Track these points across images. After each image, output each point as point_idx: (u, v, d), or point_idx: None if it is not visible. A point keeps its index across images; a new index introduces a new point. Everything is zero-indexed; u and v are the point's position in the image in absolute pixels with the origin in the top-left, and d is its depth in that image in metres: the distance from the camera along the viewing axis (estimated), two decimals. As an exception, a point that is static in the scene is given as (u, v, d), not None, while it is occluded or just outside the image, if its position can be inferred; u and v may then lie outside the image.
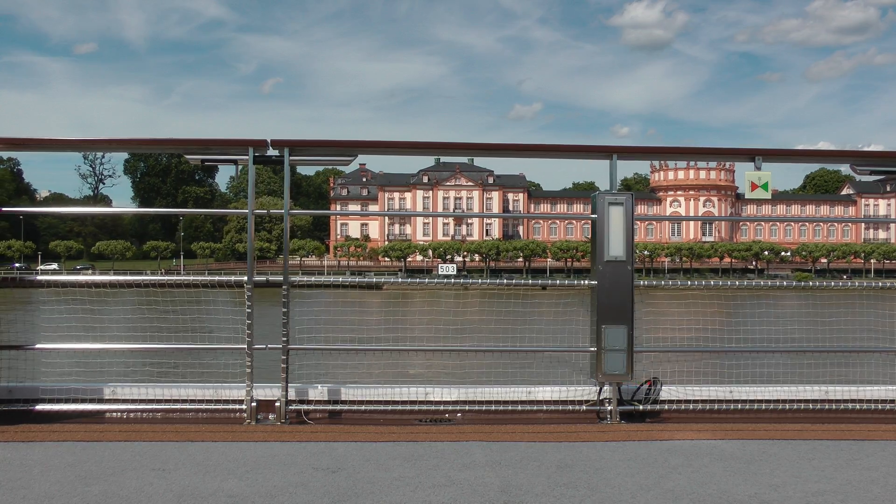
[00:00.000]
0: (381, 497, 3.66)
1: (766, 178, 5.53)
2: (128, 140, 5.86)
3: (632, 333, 5.26)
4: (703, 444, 4.65)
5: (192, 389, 5.48)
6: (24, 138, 5.53)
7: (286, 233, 5.50)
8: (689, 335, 6.72)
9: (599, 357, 5.25)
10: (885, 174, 5.72)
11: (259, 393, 5.26)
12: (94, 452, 4.36)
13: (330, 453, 4.38)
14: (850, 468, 4.17)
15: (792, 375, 6.45)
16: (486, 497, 3.66)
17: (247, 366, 5.23)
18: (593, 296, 5.34)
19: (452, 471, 4.05)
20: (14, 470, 4.03)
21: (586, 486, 3.84)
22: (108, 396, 5.47)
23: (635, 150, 6.12)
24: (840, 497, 3.71)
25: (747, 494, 3.73)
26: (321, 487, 3.79)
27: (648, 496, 3.70)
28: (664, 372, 5.93)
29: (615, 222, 5.29)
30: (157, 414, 5.36)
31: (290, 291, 5.32)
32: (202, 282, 6.16)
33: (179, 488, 3.76)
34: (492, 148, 6.89)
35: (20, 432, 4.79)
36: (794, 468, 4.16)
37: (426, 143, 6.34)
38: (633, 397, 5.47)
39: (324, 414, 5.45)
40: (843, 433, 4.95)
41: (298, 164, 5.40)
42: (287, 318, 5.29)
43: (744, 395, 5.62)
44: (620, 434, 4.92)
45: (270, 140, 5.30)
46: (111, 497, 3.63)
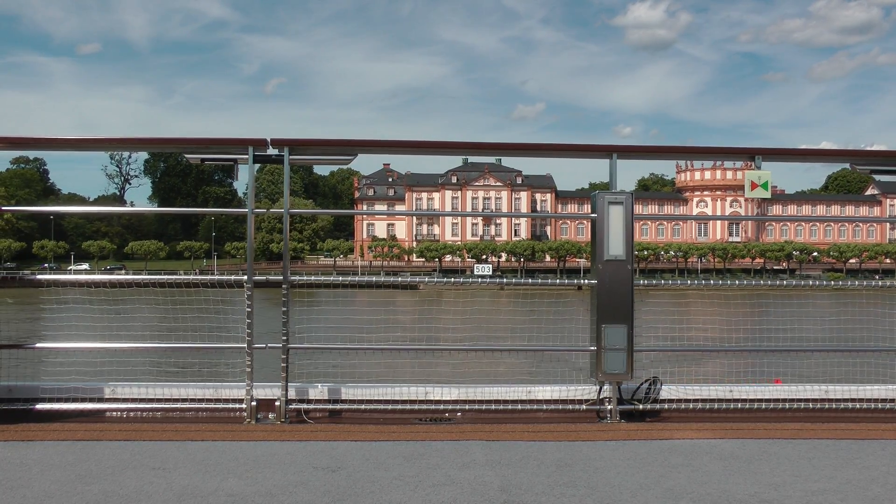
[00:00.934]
0: (381, 496, 3.66)
1: (765, 178, 5.53)
2: (127, 140, 5.86)
3: (632, 333, 5.26)
4: (703, 444, 4.65)
5: (192, 389, 5.47)
6: (22, 137, 5.53)
7: (286, 232, 5.50)
8: (689, 334, 6.72)
9: (599, 356, 5.25)
10: (886, 173, 5.72)
11: (259, 392, 5.26)
12: (94, 452, 4.36)
13: (330, 452, 4.38)
14: (849, 467, 4.17)
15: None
16: (486, 496, 3.66)
17: (247, 365, 5.23)
18: (593, 295, 5.35)
19: (452, 470, 4.05)
20: (14, 469, 4.03)
21: (586, 485, 3.84)
22: (108, 396, 5.47)
23: (635, 149, 6.11)
24: (840, 496, 3.71)
25: (747, 493, 3.73)
26: (321, 486, 3.79)
27: (648, 495, 3.70)
28: (664, 371, 5.93)
29: (615, 221, 5.29)
30: (156, 413, 5.36)
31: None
32: (202, 281, 6.15)
33: (179, 487, 3.76)
34: (492, 147, 6.85)
35: (20, 431, 4.79)
36: (794, 467, 4.16)
37: (426, 143, 6.33)
38: (633, 396, 5.47)
39: (324, 413, 5.45)
40: (842, 432, 4.95)
41: (298, 163, 5.41)
42: (287, 317, 5.29)
43: (743, 394, 5.62)
44: (620, 433, 4.92)
45: (270, 139, 5.31)
46: (111, 496, 3.63)
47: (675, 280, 6.58)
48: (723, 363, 6.99)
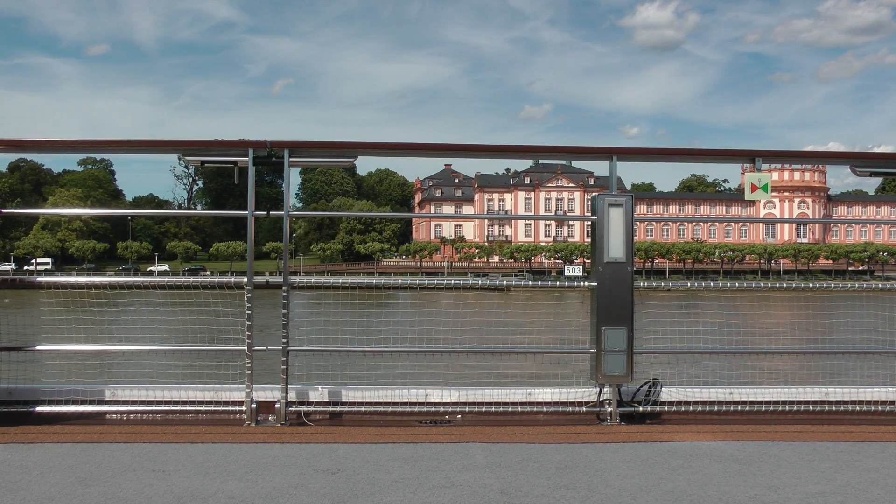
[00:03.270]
0: (380, 498, 3.66)
1: (766, 180, 5.54)
2: (128, 142, 5.87)
3: (632, 335, 5.26)
4: (703, 446, 4.65)
5: (193, 391, 5.48)
6: (23, 139, 5.56)
7: (286, 234, 5.52)
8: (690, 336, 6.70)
9: (599, 358, 5.25)
10: (886, 175, 5.72)
11: (259, 395, 5.27)
12: (95, 454, 4.36)
13: (330, 455, 4.38)
14: (850, 469, 4.17)
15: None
16: (486, 498, 3.66)
17: (246, 367, 5.23)
18: (593, 297, 5.35)
19: (452, 472, 4.05)
20: (14, 471, 4.03)
21: (586, 487, 3.84)
22: (109, 398, 5.47)
23: (634, 151, 6.15)
24: (840, 498, 3.71)
25: (747, 496, 3.73)
26: (321, 489, 3.79)
27: (648, 497, 3.70)
28: (664, 374, 5.93)
29: (615, 223, 5.29)
30: (157, 415, 5.36)
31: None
32: (202, 283, 6.14)
33: (179, 490, 3.76)
34: (492, 150, 6.85)
35: (20, 434, 4.79)
36: (793, 469, 4.16)
37: (425, 145, 6.34)
38: (634, 398, 5.47)
39: (324, 415, 5.45)
40: (843, 434, 4.95)
41: (298, 165, 5.43)
42: (287, 319, 5.29)
43: (744, 396, 5.62)
44: (620, 435, 4.92)
45: (270, 141, 5.31)
46: (111, 498, 3.63)
47: (682, 282, 6.58)
48: (722, 364, 6.97)
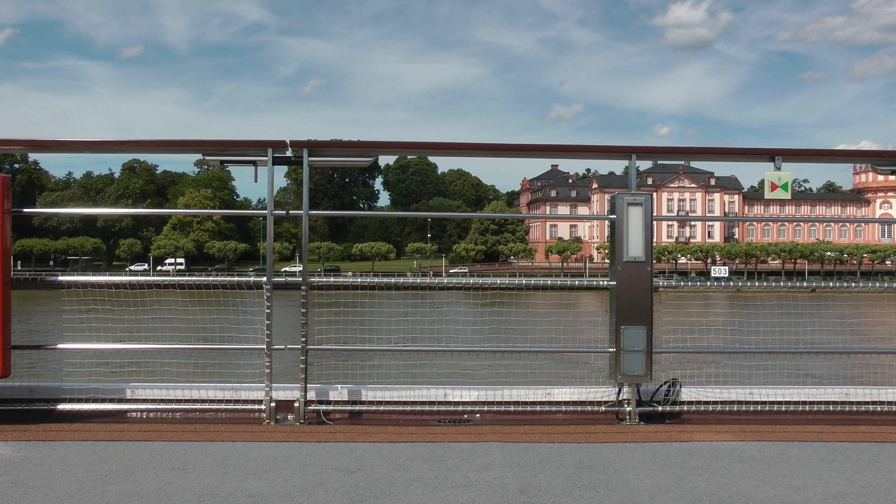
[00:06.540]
0: (399, 497, 3.66)
1: (785, 179, 5.49)
2: (149, 141, 5.92)
3: (651, 334, 5.24)
4: (723, 446, 4.62)
5: (212, 390, 5.51)
6: (45, 140, 5.64)
7: (305, 234, 5.53)
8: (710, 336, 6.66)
9: (618, 358, 5.22)
10: None
11: (278, 394, 5.29)
12: (115, 452, 4.40)
13: (349, 454, 4.39)
14: (871, 470, 4.13)
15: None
16: (504, 498, 3.66)
17: (266, 366, 5.26)
18: (612, 297, 5.33)
19: (471, 471, 4.05)
20: (35, 469, 4.07)
21: (605, 486, 3.83)
22: (129, 396, 5.52)
23: (653, 150, 6.14)
24: (861, 499, 3.67)
25: (767, 496, 3.71)
26: (340, 487, 3.80)
27: (668, 497, 3.68)
28: (684, 373, 5.90)
29: (634, 223, 5.27)
30: (176, 414, 5.40)
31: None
32: (221, 283, 6.17)
33: (199, 488, 3.78)
34: (512, 149, 6.85)
35: (41, 431, 4.84)
36: (814, 470, 4.13)
37: (444, 144, 6.34)
38: (653, 398, 5.45)
39: (343, 414, 5.46)
40: (863, 435, 4.90)
41: (317, 165, 5.45)
42: (306, 318, 5.31)
43: (763, 396, 5.58)
44: (640, 435, 4.90)
45: (290, 141, 5.34)
46: (131, 496, 3.66)
47: (702, 281, 6.54)
48: (741, 364, 6.92)
